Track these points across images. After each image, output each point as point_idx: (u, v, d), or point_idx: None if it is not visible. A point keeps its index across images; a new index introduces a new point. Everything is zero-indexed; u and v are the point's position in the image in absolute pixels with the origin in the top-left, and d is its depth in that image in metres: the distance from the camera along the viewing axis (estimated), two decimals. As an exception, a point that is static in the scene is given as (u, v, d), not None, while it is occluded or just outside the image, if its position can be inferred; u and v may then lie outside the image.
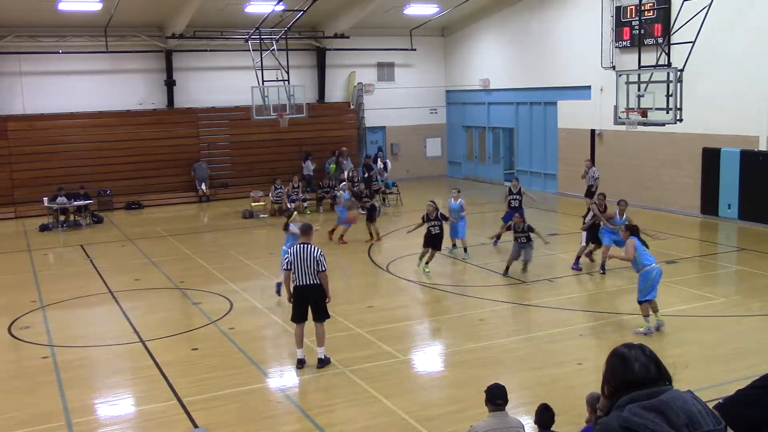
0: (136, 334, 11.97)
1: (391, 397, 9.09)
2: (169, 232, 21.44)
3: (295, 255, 10.02)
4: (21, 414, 9.02)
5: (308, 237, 10.31)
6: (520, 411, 8.01)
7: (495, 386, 6.36)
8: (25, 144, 25.53)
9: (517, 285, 14.27)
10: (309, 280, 9.97)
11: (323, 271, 9.97)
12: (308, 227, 10.61)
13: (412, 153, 30.89)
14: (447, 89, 32.59)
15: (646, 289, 11.17)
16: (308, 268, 9.94)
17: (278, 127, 24.76)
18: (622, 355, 2.65)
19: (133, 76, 27.46)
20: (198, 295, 14.36)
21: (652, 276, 11.12)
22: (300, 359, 10.22)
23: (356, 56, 30.21)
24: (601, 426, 2.53)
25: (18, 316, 13.21)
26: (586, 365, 10.02)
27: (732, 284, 14.71)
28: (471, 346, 11.01)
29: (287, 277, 10.20)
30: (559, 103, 26.04)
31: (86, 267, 17.27)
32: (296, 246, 10.16)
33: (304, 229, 10.52)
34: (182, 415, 8.82)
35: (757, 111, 19.01)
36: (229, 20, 26.47)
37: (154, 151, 27.13)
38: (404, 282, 15.05)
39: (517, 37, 28.07)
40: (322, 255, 10.00)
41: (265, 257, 17.66)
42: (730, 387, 3.40)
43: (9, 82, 25.86)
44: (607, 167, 23.98)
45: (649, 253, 11.33)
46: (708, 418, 2.45)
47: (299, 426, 8.54)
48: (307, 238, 10.26)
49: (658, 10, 21.05)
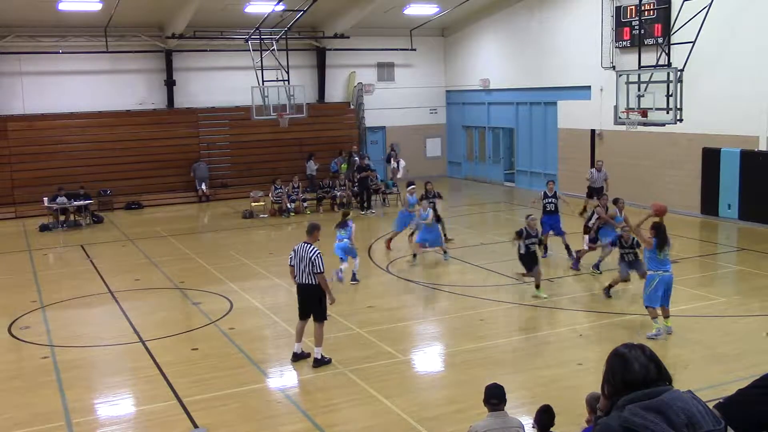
0: (136, 334, 11.97)
1: (391, 397, 9.09)
2: (169, 232, 21.44)
3: (295, 254, 10.26)
4: (21, 414, 9.02)
5: (312, 237, 10.42)
6: (520, 411, 8.01)
7: (491, 386, 6.35)
8: (25, 144, 25.53)
9: (517, 285, 14.27)
10: (305, 279, 10.19)
11: (319, 273, 10.09)
12: (313, 227, 10.64)
13: (412, 153, 30.87)
14: (447, 89, 32.59)
15: (649, 294, 11.01)
16: (305, 267, 10.13)
17: (278, 127, 24.77)
18: (622, 355, 2.66)
19: (133, 76, 27.47)
20: (198, 295, 14.36)
21: (653, 283, 10.94)
22: (295, 353, 10.46)
23: (356, 56, 30.21)
24: (601, 426, 2.54)
25: (18, 316, 13.21)
26: (586, 365, 10.02)
27: (732, 284, 14.71)
28: (471, 346, 11.00)
29: (291, 273, 10.43)
30: (559, 103, 26.03)
31: (86, 267, 17.27)
32: (299, 245, 10.36)
33: (309, 229, 10.58)
34: (182, 415, 8.83)
35: (757, 111, 19.01)
36: (229, 20, 26.46)
37: (154, 151, 27.14)
38: (404, 282, 15.05)
39: (517, 37, 28.07)
40: (318, 256, 10.09)
41: (265, 257, 17.66)
42: (730, 387, 3.40)
43: (9, 82, 25.87)
44: (607, 167, 23.99)
45: (660, 260, 10.97)
46: (708, 418, 2.45)
47: (299, 426, 8.54)
48: (310, 238, 10.38)
49: (658, 10, 21.05)
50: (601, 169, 21.48)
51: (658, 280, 10.94)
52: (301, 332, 10.46)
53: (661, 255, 10.96)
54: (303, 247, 10.22)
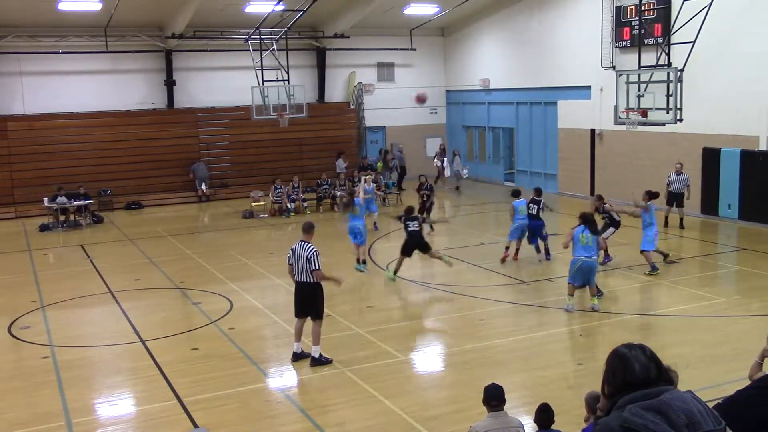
0: (136, 334, 11.97)
1: (391, 397, 9.09)
2: (169, 232, 21.44)
3: (293, 252, 10.33)
4: (21, 414, 9.03)
5: (308, 235, 10.49)
6: (520, 411, 8.01)
7: (491, 387, 6.35)
8: (25, 144, 25.54)
9: (517, 285, 14.26)
10: (303, 277, 10.23)
11: (316, 270, 10.13)
12: (310, 226, 10.70)
13: (412, 153, 30.88)
14: (447, 89, 32.59)
15: (571, 273, 12.30)
16: (302, 265, 10.18)
17: (278, 127, 24.78)
18: (622, 355, 2.65)
19: (133, 76, 27.47)
20: (198, 295, 14.36)
21: (575, 267, 12.15)
22: (294, 352, 10.49)
23: (356, 56, 30.21)
24: (601, 426, 2.53)
25: (18, 316, 13.21)
26: (586, 365, 10.02)
27: (732, 284, 14.70)
28: (471, 346, 11.00)
29: (290, 272, 10.46)
30: (559, 103, 26.03)
31: (86, 267, 17.27)
32: (296, 243, 10.41)
33: (306, 227, 10.64)
34: (182, 415, 8.82)
35: (757, 111, 19.00)
36: (229, 20, 26.47)
37: (154, 151, 27.15)
38: (404, 282, 15.04)
39: (517, 37, 28.07)
40: (314, 254, 10.14)
41: (265, 257, 17.66)
42: (730, 387, 3.40)
43: (9, 82, 25.87)
44: (607, 167, 24.01)
45: (583, 246, 12.06)
46: (708, 418, 2.45)
47: (299, 426, 8.54)
48: (307, 236, 10.45)
49: (658, 10, 21.05)
50: (681, 172, 19.08)
51: (580, 264, 12.13)
52: (300, 331, 10.49)
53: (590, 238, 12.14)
54: (300, 246, 10.28)
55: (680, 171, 19.11)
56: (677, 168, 19.19)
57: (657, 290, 13.89)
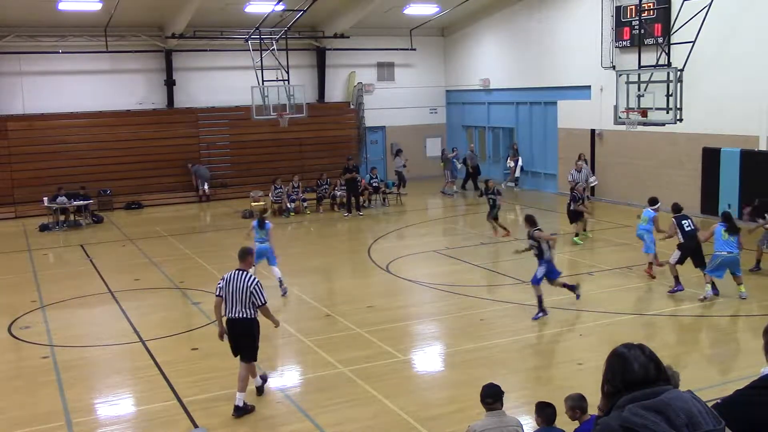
0: (136, 334, 11.98)
1: (391, 397, 9.09)
2: (169, 232, 21.44)
3: (227, 283, 8.77)
4: (21, 414, 9.03)
5: (245, 263, 9.09)
6: (520, 411, 8.01)
7: (486, 385, 6.36)
8: (25, 144, 25.53)
9: (517, 285, 14.27)
10: (239, 313, 8.73)
11: (261, 305, 8.79)
12: (246, 252, 9.26)
13: (412, 153, 30.85)
14: (447, 89, 32.59)
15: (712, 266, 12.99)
16: (242, 299, 8.69)
17: (278, 127, 24.77)
18: (621, 354, 2.65)
19: (133, 76, 27.47)
20: (198, 295, 14.35)
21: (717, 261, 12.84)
22: (236, 405, 8.70)
23: (356, 56, 30.21)
24: (601, 426, 2.54)
25: (18, 316, 13.21)
26: (586, 365, 10.02)
27: (732, 284, 14.68)
28: (471, 346, 11.00)
29: (217, 305, 8.88)
30: (559, 103, 26.03)
31: (86, 267, 17.27)
32: (231, 273, 8.84)
33: (242, 254, 9.16)
34: (182, 415, 8.83)
35: (757, 111, 19.00)
36: (229, 20, 26.47)
37: (154, 151, 27.14)
38: (404, 282, 15.05)
39: (517, 37, 28.07)
40: (257, 286, 8.71)
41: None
42: (730, 387, 3.40)
43: (9, 82, 25.86)
44: (607, 167, 24.01)
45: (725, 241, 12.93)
46: (708, 418, 2.45)
47: (299, 426, 8.54)
48: (243, 264, 9.04)
49: (658, 10, 21.04)
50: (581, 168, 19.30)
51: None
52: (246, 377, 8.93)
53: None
54: (238, 276, 8.71)
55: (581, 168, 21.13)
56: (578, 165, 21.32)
57: (656, 290, 13.89)
